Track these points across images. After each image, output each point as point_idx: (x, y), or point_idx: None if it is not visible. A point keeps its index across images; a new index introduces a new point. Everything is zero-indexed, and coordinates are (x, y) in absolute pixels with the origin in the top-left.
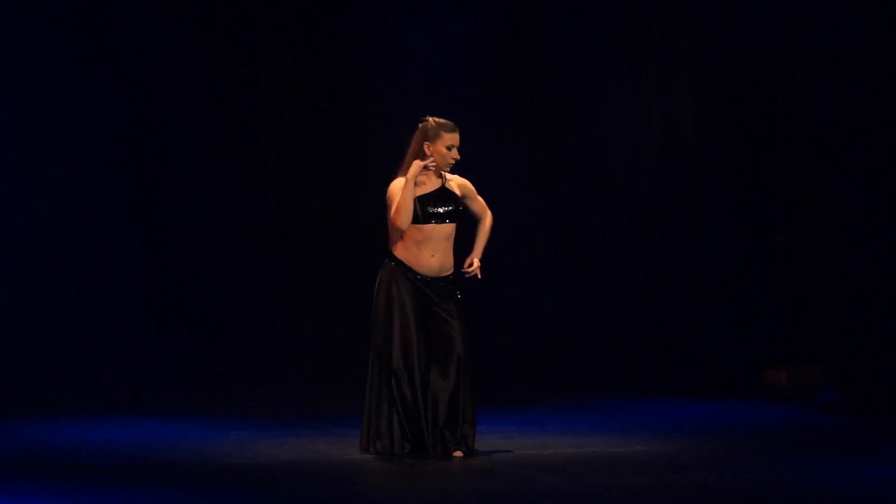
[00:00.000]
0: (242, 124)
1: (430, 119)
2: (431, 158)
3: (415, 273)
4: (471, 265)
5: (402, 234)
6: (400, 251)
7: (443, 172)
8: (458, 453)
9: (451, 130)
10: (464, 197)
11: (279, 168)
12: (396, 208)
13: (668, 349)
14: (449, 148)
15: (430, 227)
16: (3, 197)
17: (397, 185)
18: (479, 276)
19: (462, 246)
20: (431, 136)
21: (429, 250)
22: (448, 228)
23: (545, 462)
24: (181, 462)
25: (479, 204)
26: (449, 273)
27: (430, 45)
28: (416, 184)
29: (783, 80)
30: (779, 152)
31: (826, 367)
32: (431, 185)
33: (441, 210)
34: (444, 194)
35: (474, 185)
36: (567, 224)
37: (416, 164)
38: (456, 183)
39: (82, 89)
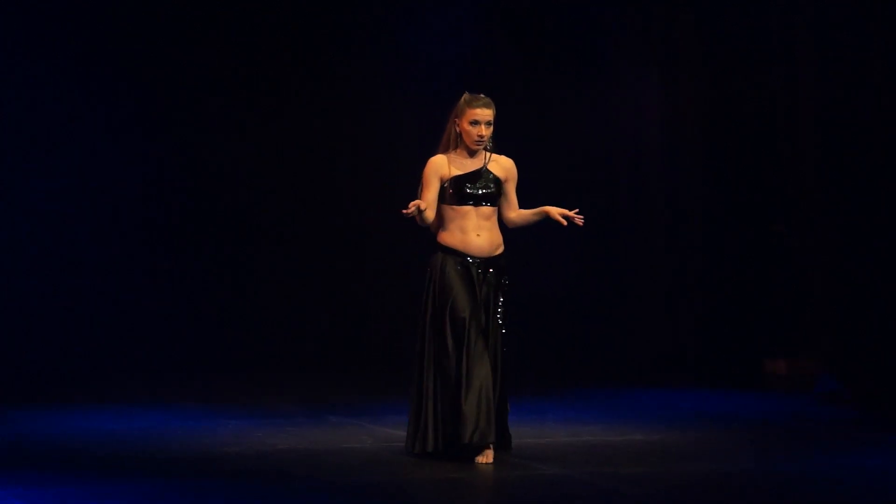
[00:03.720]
0: (243, 123)
1: (465, 94)
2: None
3: (465, 256)
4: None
5: (442, 221)
6: (446, 238)
7: (487, 153)
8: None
9: (476, 105)
10: (505, 180)
11: (274, 166)
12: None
13: (667, 339)
14: (473, 123)
15: (467, 209)
16: (3, 196)
17: (432, 168)
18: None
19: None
20: (459, 112)
21: (473, 231)
22: (487, 210)
23: (542, 450)
24: (179, 451)
25: (509, 199)
26: (500, 251)
27: (429, 39)
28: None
29: (784, 79)
30: (779, 147)
31: (825, 358)
32: (471, 164)
33: (477, 192)
34: (482, 175)
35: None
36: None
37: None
38: (500, 165)
39: (82, 89)
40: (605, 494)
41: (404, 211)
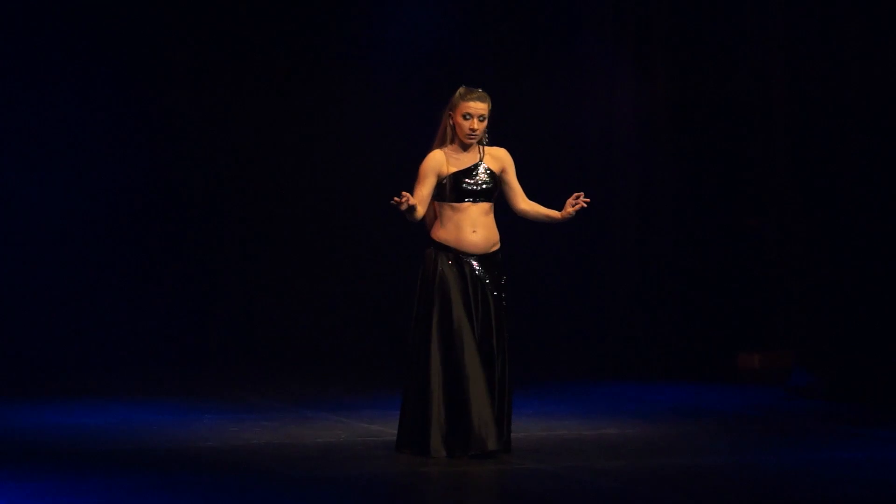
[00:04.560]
0: (241, 123)
1: (461, 87)
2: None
3: (457, 253)
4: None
5: (439, 218)
6: (440, 234)
7: (481, 147)
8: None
9: (470, 99)
10: (501, 171)
11: (271, 164)
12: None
13: (641, 333)
14: (466, 117)
15: (466, 205)
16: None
17: (429, 164)
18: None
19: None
20: (453, 105)
21: (469, 227)
22: (485, 206)
23: (515, 444)
24: (154, 446)
25: (513, 188)
26: (496, 248)
27: (412, 32)
28: (451, 159)
29: (757, 71)
30: (751, 141)
31: (799, 351)
32: (467, 160)
33: (476, 187)
34: (478, 171)
35: None
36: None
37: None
38: (494, 157)
39: (82, 89)
40: (580, 488)
41: (395, 199)
